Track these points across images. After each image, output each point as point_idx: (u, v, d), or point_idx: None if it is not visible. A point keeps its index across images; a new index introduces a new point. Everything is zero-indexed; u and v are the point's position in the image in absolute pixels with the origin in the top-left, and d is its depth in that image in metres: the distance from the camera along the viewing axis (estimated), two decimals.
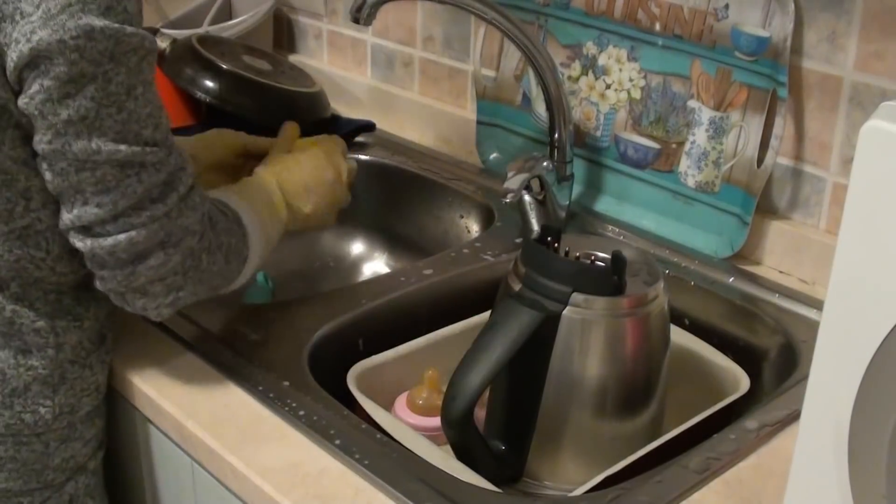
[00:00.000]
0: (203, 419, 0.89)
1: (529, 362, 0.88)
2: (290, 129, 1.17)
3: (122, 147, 0.80)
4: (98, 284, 0.87)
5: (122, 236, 0.83)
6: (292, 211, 1.07)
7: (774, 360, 1.05)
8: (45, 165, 0.82)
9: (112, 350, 0.98)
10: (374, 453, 0.84)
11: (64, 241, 0.88)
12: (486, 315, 1.10)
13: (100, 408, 0.98)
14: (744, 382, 0.98)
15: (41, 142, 0.80)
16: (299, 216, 1.08)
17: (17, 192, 0.85)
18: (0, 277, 0.89)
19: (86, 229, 0.83)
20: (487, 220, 1.30)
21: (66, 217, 0.83)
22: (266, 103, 1.45)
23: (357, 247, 1.46)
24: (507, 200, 1.12)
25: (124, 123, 0.80)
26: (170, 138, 0.85)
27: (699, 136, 1.18)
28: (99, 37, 0.77)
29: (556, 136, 1.22)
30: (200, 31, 1.57)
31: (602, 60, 1.27)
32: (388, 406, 0.98)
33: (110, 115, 0.80)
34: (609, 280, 0.87)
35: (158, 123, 0.83)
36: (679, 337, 1.07)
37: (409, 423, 0.94)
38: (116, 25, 0.78)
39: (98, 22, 0.77)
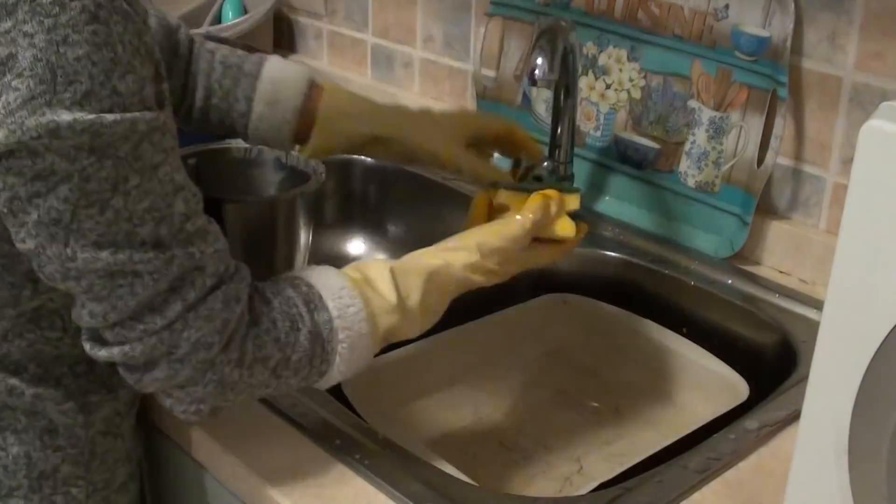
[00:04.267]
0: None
1: None
2: (480, 203, 0.96)
3: (104, 255, 0.67)
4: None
5: (115, 349, 0.71)
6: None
7: (774, 360, 1.05)
8: (34, 263, 0.70)
9: (136, 407, 0.90)
10: (374, 454, 0.84)
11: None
12: (486, 317, 1.10)
13: (136, 473, 0.91)
14: (743, 391, 0.98)
15: (16, 240, 0.69)
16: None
17: (21, 275, 0.75)
18: (14, 361, 0.80)
19: (88, 331, 0.73)
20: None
21: (73, 313, 0.73)
22: None
23: (357, 247, 1.46)
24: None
25: (109, 225, 0.67)
26: (187, 227, 0.70)
27: (699, 136, 1.18)
28: (67, 134, 0.63)
29: (556, 136, 1.21)
30: (200, 31, 1.57)
31: (602, 60, 1.27)
32: (386, 409, 0.98)
33: (90, 216, 0.66)
34: None
35: (164, 217, 0.69)
36: (678, 344, 1.07)
37: None
38: (91, 117, 0.64)
39: (66, 117, 0.63)
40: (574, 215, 0.93)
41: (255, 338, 0.74)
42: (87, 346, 0.73)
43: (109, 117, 0.64)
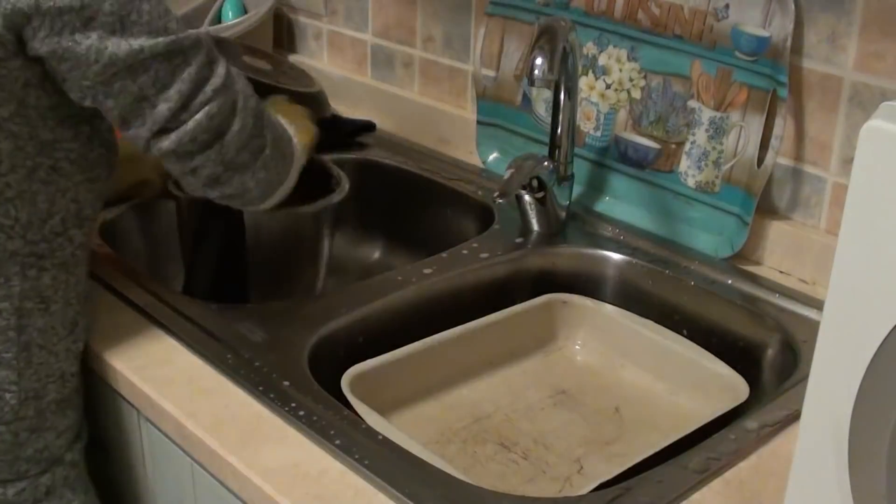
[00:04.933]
0: (203, 419, 0.89)
1: None
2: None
3: (159, 39, 0.86)
4: (192, 183, 0.95)
5: (199, 114, 0.90)
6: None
7: (774, 360, 1.05)
8: (102, 97, 0.87)
9: (82, 340, 0.99)
10: (374, 454, 0.84)
11: (33, 208, 0.89)
12: (486, 317, 1.10)
13: (71, 399, 0.99)
14: (743, 391, 0.98)
15: (87, 76, 0.85)
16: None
17: None
18: None
19: (165, 130, 0.90)
20: (487, 220, 1.30)
21: (143, 130, 0.89)
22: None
23: (357, 247, 1.46)
24: (500, 201, 1.13)
25: (149, 22, 0.86)
26: (184, 27, 0.91)
27: (699, 137, 1.18)
28: None
29: (556, 136, 1.22)
30: (200, 31, 1.56)
31: (602, 60, 1.27)
32: (385, 410, 0.98)
33: (133, 20, 0.85)
34: None
35: (173, 17, 0.89)
36: (678, 344, 1.07)
37: None
38: None
39: None
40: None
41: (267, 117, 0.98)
42: (171, 139, 0.90)
43: None
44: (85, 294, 0.99)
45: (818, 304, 1.05)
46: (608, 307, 1.15)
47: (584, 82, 1.28)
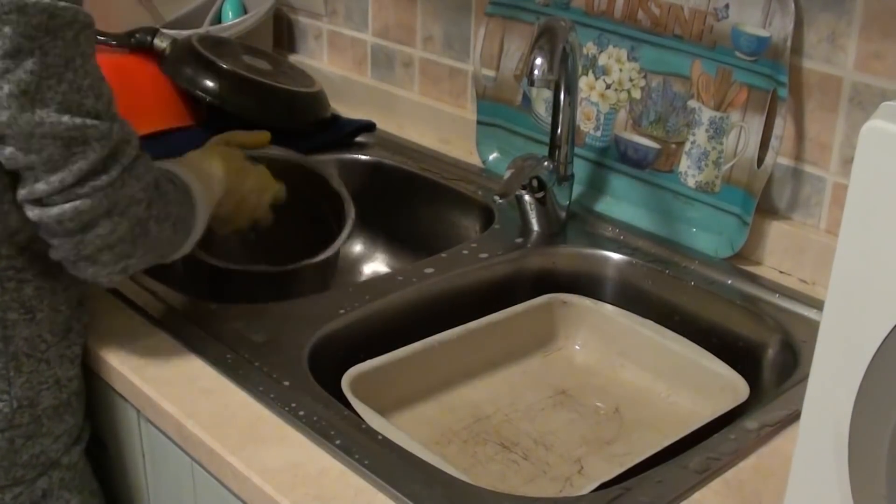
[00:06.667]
0: (203, 419, 0.89)
1: None
2: (262, 136, 1.27)
3: (65, 118, 0.83)
4: (51, 254, 0.90)
5: (67, 206, 0.85)
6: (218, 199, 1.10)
7: (774, 360, 1.05)
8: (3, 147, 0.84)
9: (78, 344, 0.99)
10: (374, 454, 0.84)
11: (5, 226, 0.89)
12: (486, 317, 1.10)
13: (70, 403, 0.99)
14: (743, 391, 0.98)
15: None
16: (222, 206, 1.11)
17: None
18: None
19: (37, 201, 0.86)
20: (487, 220, 1.30)
21: (21, 192, 0.86)
22: (266, 103, 1.45)
23: (357, 247, 1.46)
24: (500, 202, 1.13)
25: (65, 94, 0.83)
26: (112, 109, 0.88)
27: (699, 137, 1.18)
28: (31, 11, 0.80)
29: (556, 136, 1.22)
30: (200, 31, 1.57)
31: (602, 60, 1.27)
32: (385, 410, 0.98)
33: (50, 86, 0.82)
34: None
35: (100, 94, 0.86)
36: (678, 344, 1.07)
37: None
38: (48, 0, 0.81)
39: None
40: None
41: (162, 196, 0.93)
42: (35, 213, 0.86)
43: (62, 3, 0.82)
44: (78, 298, 0.99)
45: (818, 304, 1.05)
46: (608, 307, 1.15)
47: (584, 82, 1.29)
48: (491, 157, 1.42)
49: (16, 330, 0.92)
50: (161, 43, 1.47)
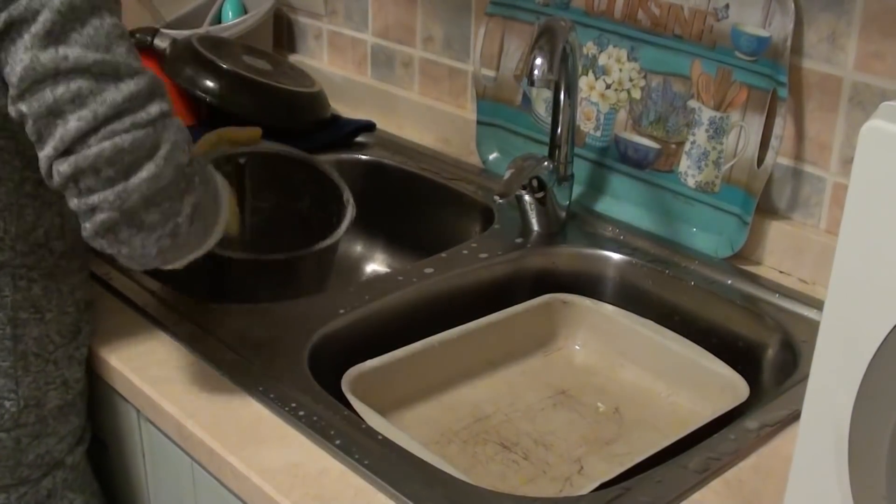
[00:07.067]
0: (203, 419, 0.89)
1: None
2: (253, 132, 1.21)
3: (91, 54, 0.78)
4: (87, 230, 0.82)
5: (107, 143, 0.78)
6: None
7: (774, 360, 1.05)
8: (21, 105, 0.79)
9: (86, 346, 0.99)
10: (374, 454, 0.84)
11: (22, 221, 0.89)
12: (486, 317, 1.10)
13: (75, 404, 0.99)
14: (743, 391, 0.98)
15: (12, 80, 0.78)
16: None
17: None
18: None
19: (68, 152, 0.79)
20: (487, 220, 1.30)
21: (49, 146, 0.79)
22: (266, 103, 1.45)
23: (357, 247, 1.46)
24: (500, 202, 1.13)
25: (91, 37, 0.79)
26: (142, 64, 0.82)
27: (699, 136, 1.18)
28: None
29: (556, 136, 1.22)
30: (200, 31, 1.57)
31: (602, 60, 1.27)
32: (385, 410, 0.98)
33: (75, 28, 0.78)
34: None
35: (130, 49, 0.81)
36: (678, 344, 1.07)
37: None
38: None
39: None
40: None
41: (199, 163, 0.86)
42: (69, 162, 0.78)
43: None
44: (86, 301, 0.98)
45: (818, 304, 1.05)
46: (608, 307, 1.15)
47: (584, 82, 1.29)
48: (491, 157, 1.42)
49: (26, 329, 0.92)
50: (161, 43, 1.47)
